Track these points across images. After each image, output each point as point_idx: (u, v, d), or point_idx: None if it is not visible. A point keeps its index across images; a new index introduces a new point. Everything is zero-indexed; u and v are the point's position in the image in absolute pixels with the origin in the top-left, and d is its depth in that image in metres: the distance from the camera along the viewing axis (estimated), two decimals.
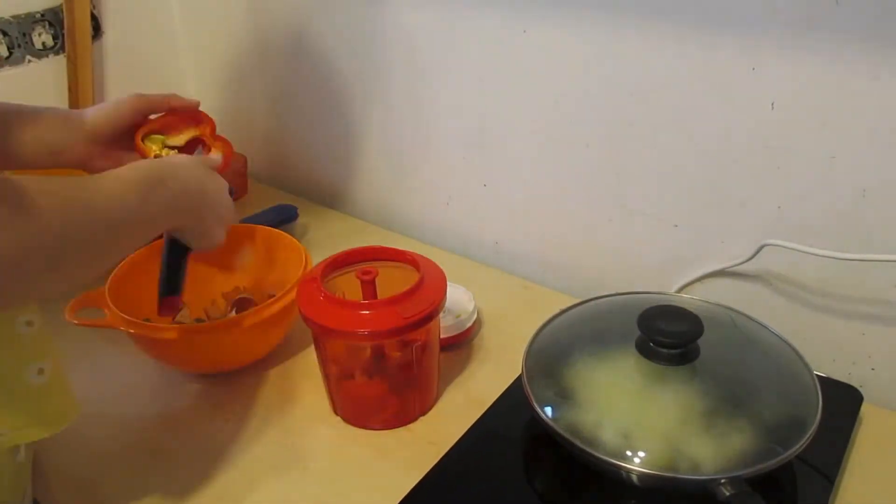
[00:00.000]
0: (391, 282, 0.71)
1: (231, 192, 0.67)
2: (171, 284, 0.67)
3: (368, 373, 0.73)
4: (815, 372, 0.63)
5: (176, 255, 0.67)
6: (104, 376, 0.79)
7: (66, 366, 0.67)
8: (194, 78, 1.28)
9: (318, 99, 1.10)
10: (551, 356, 0.67)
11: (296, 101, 1.14)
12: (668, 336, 0.61)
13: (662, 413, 0.60)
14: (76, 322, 0.71)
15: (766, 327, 0.68)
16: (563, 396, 0.63)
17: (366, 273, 0.71)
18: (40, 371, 0.53)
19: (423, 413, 0.73)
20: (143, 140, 0.73)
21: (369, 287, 0.71)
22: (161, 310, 0.68)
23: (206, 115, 0.77)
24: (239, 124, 1.26)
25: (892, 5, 0.61)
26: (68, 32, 1.06)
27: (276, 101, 1.18)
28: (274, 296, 0.74)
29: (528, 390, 0.63)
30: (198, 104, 0.76)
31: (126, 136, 0.72)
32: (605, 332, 0.69)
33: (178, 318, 0.83)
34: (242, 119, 1.25)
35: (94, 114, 0.70)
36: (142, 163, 0.58)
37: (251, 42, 1.15)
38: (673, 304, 0.65)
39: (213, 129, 0.77)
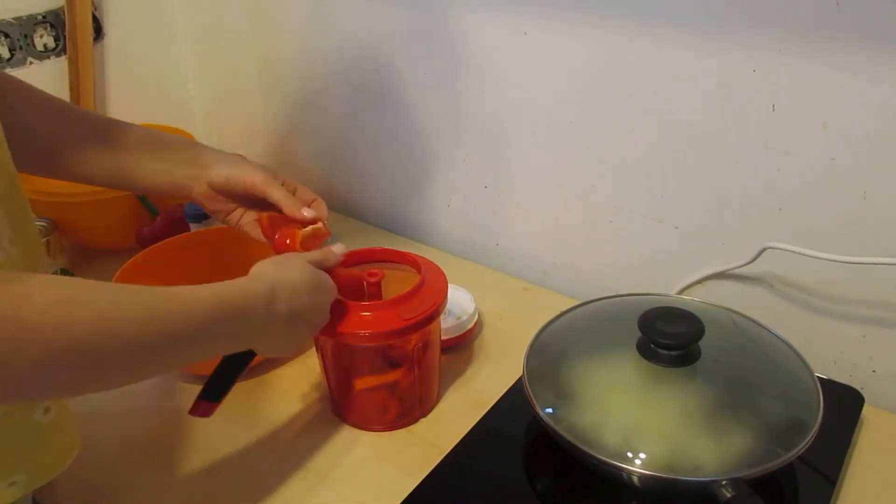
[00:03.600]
0: (392, 283, 0.72)
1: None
2: (216, 391, 0.61)
3: (369, 375, 0.72)
4: (817, 374, 0.63)
5: (238, 362, 0.61)
6: None
7: None
8: (195, 80, 1.28)
9: (318, 101, 1.10)
10: (552, 358, 0.67)
11: (295, 103, 1.15)
12: (669, 337, 0.61)
13: (663, 414, 0.60)
14: None
15: (767, 329, 0.68)
16: (563, 398, 0.63)
17: (371, 275, 0.71)
18: (46, 410, 0.52)
19: (424, 414, 0.73)
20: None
21: (375, 289, 0.71)
22: (193, 409, 0.62)
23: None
24: (238, 126, 1.27)
25: (893, 7, 0.61)
26: (69, 34, 1.07)
27: (276, 103, 1.18)
28: None
29: (529, 392, 0.63)
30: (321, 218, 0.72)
31: (241, 197, 0.72)
32: (606, 333, 0.69)
33: None
34: (242, 121, 1.26)
35: (219, 167, 0.70)
36: (256, 281, 0.56)
37: (252, 44, 1.15)
38: (674, 305, 0.65)
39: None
